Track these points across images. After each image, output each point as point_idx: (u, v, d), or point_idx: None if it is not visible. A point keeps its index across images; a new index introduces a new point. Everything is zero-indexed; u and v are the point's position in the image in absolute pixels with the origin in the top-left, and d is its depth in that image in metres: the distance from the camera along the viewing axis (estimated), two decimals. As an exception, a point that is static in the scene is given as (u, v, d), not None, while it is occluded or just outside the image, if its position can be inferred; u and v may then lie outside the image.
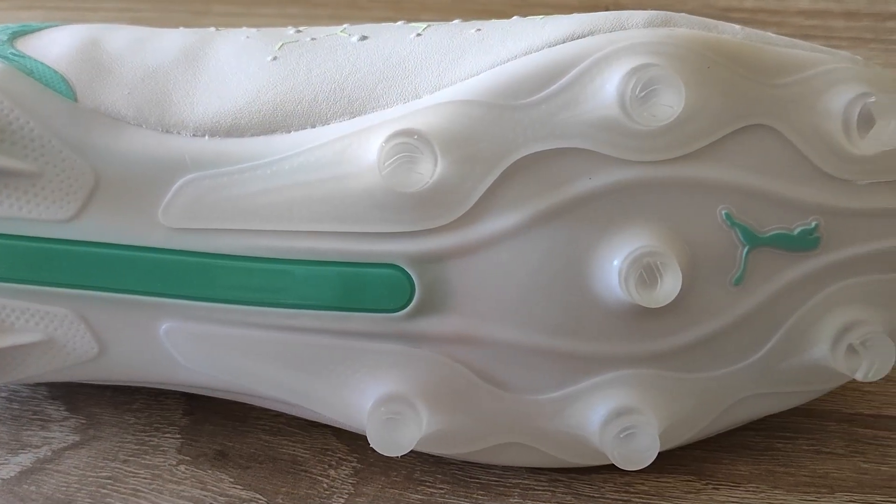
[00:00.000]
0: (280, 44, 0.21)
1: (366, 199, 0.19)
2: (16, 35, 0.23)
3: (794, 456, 0.22)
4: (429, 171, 0.18)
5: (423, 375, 0.20)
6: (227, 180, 0.20)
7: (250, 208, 0.20)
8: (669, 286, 0.19)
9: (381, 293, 0.20)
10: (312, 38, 0.22)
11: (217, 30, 0.23)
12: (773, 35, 0.20)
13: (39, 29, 0.23)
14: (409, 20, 0.39)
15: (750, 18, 0.36)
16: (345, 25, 0.22)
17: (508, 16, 0.39)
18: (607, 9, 0.37)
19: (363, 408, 0.20)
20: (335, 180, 0.19)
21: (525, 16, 0.39)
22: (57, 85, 0.21)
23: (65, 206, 0.20)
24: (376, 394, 0.20)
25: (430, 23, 0.22)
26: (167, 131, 0.20)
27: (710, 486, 0.21)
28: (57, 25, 0.24)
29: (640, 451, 0.20)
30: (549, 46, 0.19)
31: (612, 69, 0.18)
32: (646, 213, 0.19)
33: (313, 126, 0.20)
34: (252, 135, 0.20)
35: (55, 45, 0.22)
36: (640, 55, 0.18)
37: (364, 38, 0.21)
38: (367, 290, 0.20)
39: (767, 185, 0.19)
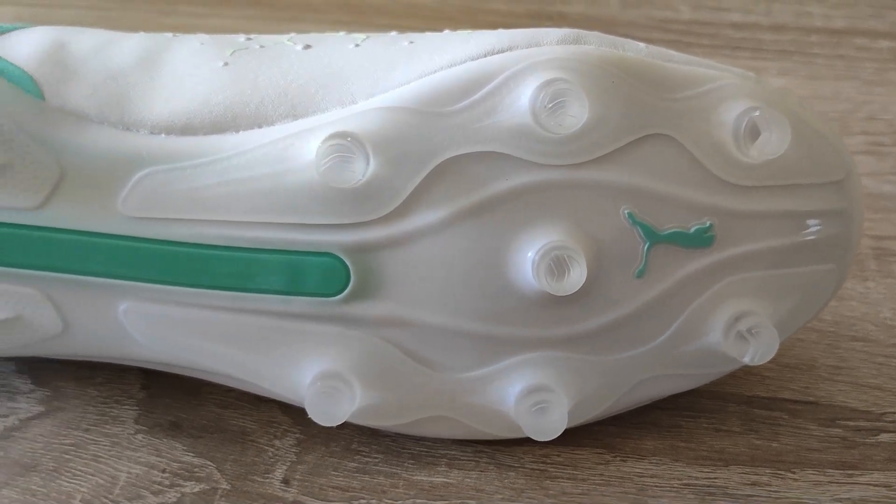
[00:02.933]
0: (231, 50, 0.23)
1: (305, 193, 0.21)
2: (-15, 34, 0.24)
3: (696, 433, 0.24)
4: (361, 169, 0.21)
5: (357, 354, 0.22)
6: (181, 174, 0.22)
7: (202, 200, 0.22)
8: (576, 277, 0.21)
9: (320, 279, 0.22)
10: (261, 46, 0.24)
11: (174, 35, 0.25)
12: (675, 52, 0.22)
13: (10, 30, 0.25)
14: (359, 25, 0.41)
15: (686, 30, 0.38)
16: (291, 34, 0.24)
17: (460, 21, 0.41)
18: (551, 18, 0.39)
19: (303, 383, 0.22)
20: (278, 175, 0.21)
21: (474, 20, 0.41)
22: (25, 84, 0.22)
23: (32, 196, 0.22)
24: (314, 370, 0.22)
25: (368, 34, 0.24)
26: (127, 129, 0.22)
27: (619, 458, 0.24)
28: (27, 27, 0.25)
29: (550, 424, 0.22)
30: (472, 60, 0.21)
31: (525, 82, 0.21)
32: (556, 211, 0.21)
33: (260, 126, 0.22)
34: (204, 133, 0.22)
35: (24, 46, 0.24)
36: (551, 70, 0.20)
37: (308, 46, 0.23)
38: (306, 276, 0.22)
39: (666, 189, 0.21)
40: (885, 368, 0.26)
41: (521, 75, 0.21)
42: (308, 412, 0.22)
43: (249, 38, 0.24)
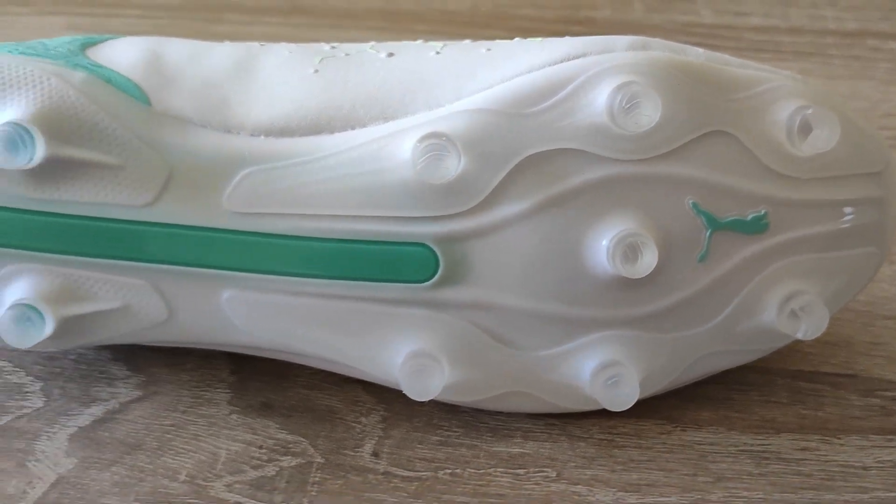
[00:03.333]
0: (319, 58, 0.25)
1: (399, 189, 0.23)
2: (85, 45, 0.26)
3: (747, 404, 0.27)
4: (454, 166, 0.23)
5: (445, 336, 0.24)
6: (282, 173, 0.24)
7: (301, 196, 0.24)
8: (648, 261, 0.23)
9: (411, 267, 0.24)
10: (346, 54, 0.25)
11: (261, 45, 0.26)
12: (730, 57, 0.24)
13: (102, 41, 0.27)
14: (397, 32, 0.43)
15: (708, 33, 0.41)
16: (372, 43, 0.26)
17: (493, 27, 0.43)
18: (580, 23, 0.42)
19: (395, 363, 0.24)
20: (373, 173, 0.23)
21: (506, 25, 0.44)
22: (132, 91, 0.24)
23: (143, 194, 0.24)
24: (406, 350, 0.24)
25: (445, 42, 0.26)
26: (228, 131, 0.24)
27: (679, 428, 0.26)
28: (116, 38, 0.27)
29: (623, 397, 0.24)
30: (550, 65, 0.23)
31: (602, 85, 0.23)
32: (628, 202, 0.23)
33: (353, 128, 0.24)
34: (301, 135, 0.24)
35: (123, 56, 0.25)
36: (625, 74, 0.23)
37: (391, 54, 0.25)
38: (399, 264, 0.24)
39: (726, 180, 0.24)
40: (917, 344, 0.28)
41: (598, 78, 0.23)
42: (403, 388, 0.24)
43: (334, 47, 0.26)
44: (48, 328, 0.24)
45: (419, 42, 0.26)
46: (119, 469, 0.25)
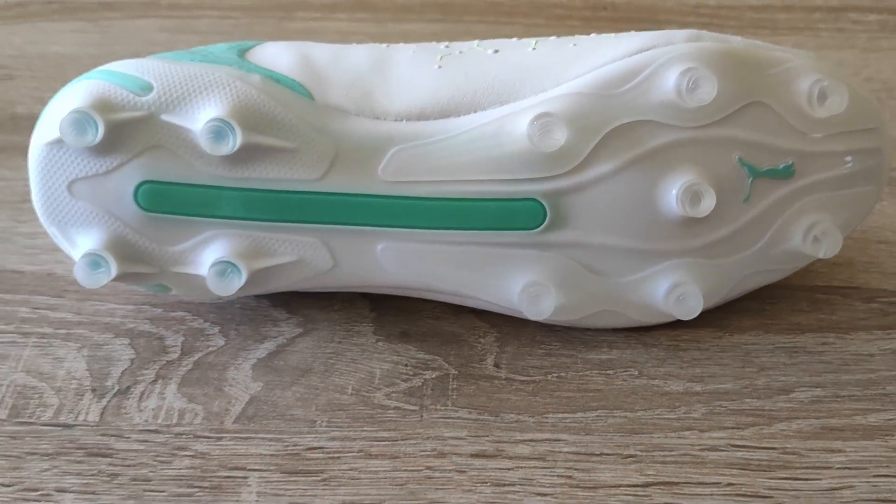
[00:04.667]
0: (440, 56, 0.32)
1: (517, 158, 0.30)
2: (242, 51, 0.33)
3: (778, 313, 0.34)
4: (561, 137, 0.29)
5: (552, 269, 0.31)
6: (423, 149, 0.30)
7: (439, 167, 0.30)
8: (707, 203, 0.30)
9: (524, 218, 0.31)
10: (461, 52, 0.32)
11: (388, 46, 0.33)
12: (761, 42, 0.31)
13: (253, 46, 0.33)
14: (450, 23, 0.49)
15: (714, 13, 0.48)
16: (476, 41, 0.33)
17: (532, 16, 0.49)
18: (605, 8, 0.48)
19: (514, 292, 0.31)
20: (494, 147, 0.30)
21: (543, 13, 0.50)
22: (298, 89, 0.31)
23: (315, 170, 0.30)
24: (523, 281, 0.31)
25: (537, 39, 0.32)
26: (377, 118, 0.31)
27: (728, 333, 0.33)
28: (262, 43, 0.34)
29: (691, 308, 0.31)
30: (628, 56, 0.30)
31: (671, 70, 0.30)
32: (691, 159, 0.30)
33: (475, 111, 0.31)
34: (434, 118, 0.31)
35: (278, 59, 0.32)
36: (687, 61, 0.30)
37: (496, 51, 0.32)
38: (515, 216, 0.31)
39: (763, 139, 0.31)
40: (904, 260, 0.36)
41: (667, 65, 0.30)
42: (523, 311, 0.31)
43: (448, 46, 0.33)
44: (243, 279, 0.31)
45: (514, 40, 0.33)
46: (297, 388, 0.32)
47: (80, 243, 0.31)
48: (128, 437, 0.30)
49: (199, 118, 0.29)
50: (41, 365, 0.32)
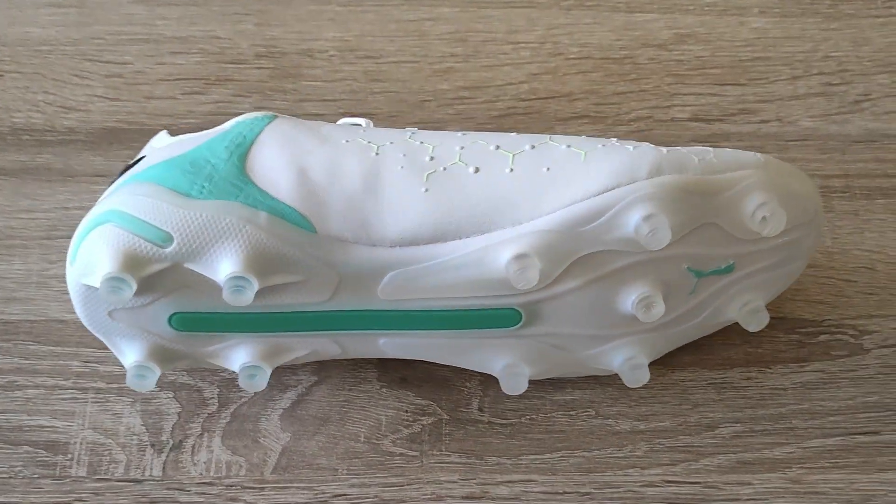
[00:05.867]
0: (426, 175, 0.35)
1: (496, 281, 0.35)
2: (241, 158, 0.35)
3: (713, 347, 0.40)
4: (535, 277, 0.34)
5: (525, 351, 0.37)
6: (414, 273, 0.35)
7: (428, 287, 0.35)
8: (658, 311, 0.35)
9: (503, 320, 0.36)
10: (444, 169, 0.35)
11: (377, 155, 0.36)
12: (716, 160, 0.35)
13: (250, 147, 0.36)
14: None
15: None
16: (458, 151, 0.35)
17: (514, 4, 0.49)
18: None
19: (494, 369, 0.37)
20: (478, 273, 0.35)
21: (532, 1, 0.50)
22: (302, 224, 0.34)
23: (322, 294, 0.35)
24: (503, 363, 0.37)
25: (514, 154, 0.35)
26: (373, 245, 0.35)
27: (670, 370, 0.40)
28: (257, 139, 0.36)
29: (640, 376, 0.38)
30: (594, 195, 0.34)
31: (632, 213, 0.34)
32: (646, 273, 0.35)
33: (460, 238, 0.35)
34: (423, 244, 0.35)
35: (277, 177, 0.35)
36: (648, 205, 0.33)
37: (477, 170, 0.35)
38: (495, 319, 0.36)
39: (710, 251, 0.35)
40: (826, 287, 0.42)
41: (629, 207, 0.34)
42: (502, 387, 0.37)
43: (433, 159, 0.35)
44: (268, 376, 0.37)
45: (492, 148, 0.36)
46: (320, 438, 0.39)
47: (126, 350, 0.36)
48: (189, 491, 0.38)
49: (219, 269, 0.34)
50: (104, 421, 0.39)
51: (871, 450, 0.38)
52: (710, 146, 0.36)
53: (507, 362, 0.37)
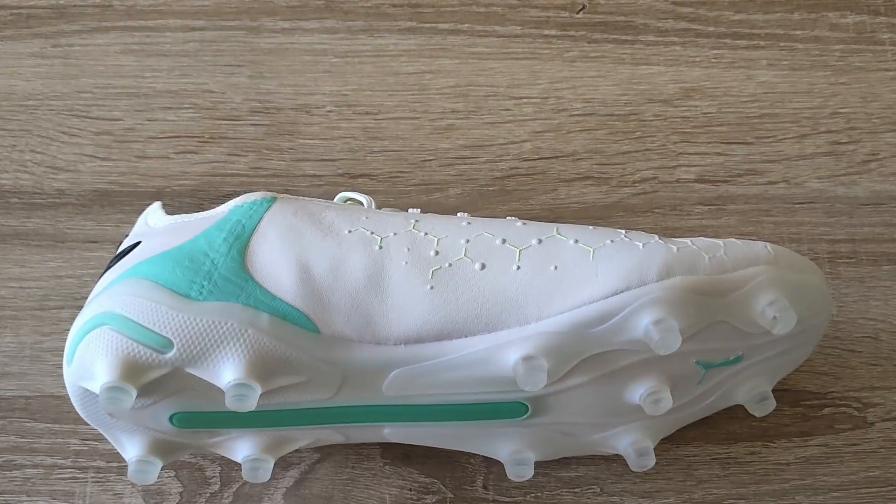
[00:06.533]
0: (431, 272, 0.34)
1: (504, 379, 0.34)
2: (240, 252, 0.34)
3: (718, 421, 0.40)
4: (542, 379, 0.33)
5: (532, 439, 0.37)
6: (420, 370, 0.34)
7: (435, 383, 0.34)
8: (665, 405, 0.35)
9: (510, 412, 0.36)
10: (449, 265, 0.34)
11: (380, 249, 0.35)
12: (726, 258, 0.34)
13: (249, 239, 0.35)
14: (426, 30, 0.47)
15: (692, 16, 0.46)
16: (464, 245, 0.35)
17: (507, 17, 0.48)
18: (584, 7, 0.47)
19: (501, 455, 0.37)
20: (485, 371, 0.34)
21: (520, 16, 0.49)
22: (306, 325, 0.34)
23: (326, 392, 0.34)
24: (508, 449, 0.37)
25: (520, 249, 0.34)
26: (378, 343, 0.34)
27: (675, 446, 0.40)
28: (255, 230, 0.35)
29: (646, 462, 0.37)
30: (603, 298, 0.33)
31: (642, 317, 0.33)
32: (654, 369, 0.35)
33: (465, 336, 0.34)
34: (429, 341, 0.34)
35: (281, 277, 0.34)
36: (658, 309, 0.33)
37: (483, 266, 0.34)
38: (503, 411, 0.36)
39: (719, 345, 0.35)
40: (831, 357, 0.41)
41: (638, 311, 0.33)
42: (508, 475, 0.37)
43: (437, 254, 0.34)
44: (271, 466, 0.36)
45: (498, 243, 0.35)
46: (324, 517, 0.39)
47: (127, 445, 0.36)
48: (196, 576, 0.38)
49: (222, 375, 0.33)
50: (104, 502, 0.39)
51: (873, 528, 0.38)
52: (718, 228, 0.35)
53: (512, 449, 0.37)
